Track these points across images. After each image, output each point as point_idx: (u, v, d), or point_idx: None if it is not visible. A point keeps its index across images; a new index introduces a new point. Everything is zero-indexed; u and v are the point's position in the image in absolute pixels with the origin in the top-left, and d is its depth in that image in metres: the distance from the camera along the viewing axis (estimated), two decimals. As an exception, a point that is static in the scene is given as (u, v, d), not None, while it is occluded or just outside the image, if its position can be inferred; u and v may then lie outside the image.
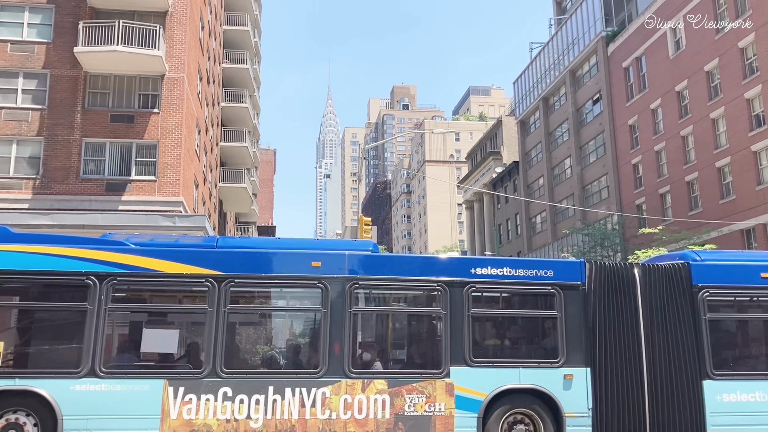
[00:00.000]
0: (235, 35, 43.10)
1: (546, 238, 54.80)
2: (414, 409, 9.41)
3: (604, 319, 10.07)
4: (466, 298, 9.87)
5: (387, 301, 10.55)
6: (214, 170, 37.09)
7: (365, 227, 29.56)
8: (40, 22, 25.27)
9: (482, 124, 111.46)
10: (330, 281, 9.66)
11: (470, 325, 9.83)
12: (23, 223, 20.75)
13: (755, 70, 32.54)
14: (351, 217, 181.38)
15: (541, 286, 10.14)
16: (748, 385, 10.14)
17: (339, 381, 9.37)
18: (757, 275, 10.64)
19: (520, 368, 9.80)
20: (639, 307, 10.19)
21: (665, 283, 10.39)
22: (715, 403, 9.96)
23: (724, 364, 10.37)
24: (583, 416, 9.71)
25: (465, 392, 9.54)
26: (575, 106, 51.88)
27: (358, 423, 9.29)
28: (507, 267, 10.17)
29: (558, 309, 10.06)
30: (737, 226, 33.03)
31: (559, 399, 9.69)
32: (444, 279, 9.90)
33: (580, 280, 10.23)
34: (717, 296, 10.54)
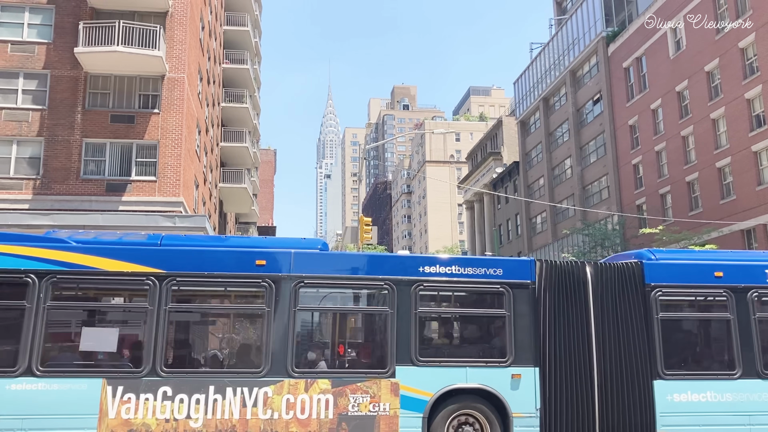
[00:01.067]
0: (236, 35, 43.11)
1: (546, 239, 54.79)
2: (358, 409, 9.31)
3: (553, 318, 9.96)
4: (413, 296, 9.76)
5: (333, 300, 10.38)
6: (215, 171, 37.09)
7: (365, 227, 29.59)
8: (41, 22, 25.27)
9: (482, 125, 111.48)
10: (274, 280, 9.55)
11: (417, 324, 9.71)
12: (23, 223, 20.77)
13: (755, 70, 32.52)
14: (351, 218, 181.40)
15: (490, 285, 10.03)
16: (700, 385, 10.07)
17: (282, 381, 9.25)
18: (710, 274, 10.56)
19: (468, 368, 9.68)
20: (590, 306, 10.10)
21: (617, 283, 10.28)
22: (665, 403, 9.89)
23: (675, 364, 10.30)
24: (530, 416, 9.61)
25: (411, 392, 9.44)
26: (575, 106, 51.87)
27: (300, 423, 9.18)
28: (456, 265, 10.04)
29: (507, 308, 9.95)
30: (737, 227, 33.02)
31: (507, 399, 9.59)
32: (391, 277, 9.79)
33: (529, 278, 10.12)
34: (670, 295, 10.46)
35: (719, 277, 10.53)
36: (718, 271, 10.56)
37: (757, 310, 10.45)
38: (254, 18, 47.33)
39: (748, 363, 10.21)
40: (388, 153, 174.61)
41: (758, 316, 10.44)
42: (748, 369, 10.19)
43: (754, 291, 10.52)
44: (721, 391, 10.05)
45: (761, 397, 10.12)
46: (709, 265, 10.66)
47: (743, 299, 10.45)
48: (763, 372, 10.21)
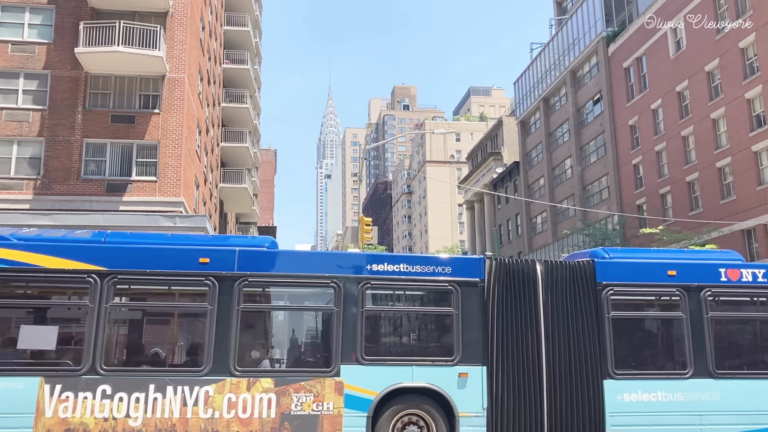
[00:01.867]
0: (236, 36, 43.12)
1: (546, 239, 54.80)
2: (301, 408, 9.21)
3: (502, 317, 9.88)
4: (360, 295, 9.65)
5: (278, 299, 10.31)
6: (215, 171, 37.11)
7: (366, 228, 29.60)
8: (41, 22, 25.29)
9: (483, 125, 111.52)
10: (218, 278, 9.45)
11: (363, 322, 9.61)
12: (24, 223, 20.76)
13: (756, 70, 32.53)
14: (352, 218, 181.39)
15: (439, 283, 9.92)
16: (650, 384, 10.00)
17: (223, 380, 9.16)
18: (664, 273, 10.47)
19: (414, 366, 9.57)
20: (540, 305, 10.01)
21: (568, 281, 10.19)
22: (615, 402, 9.82)
23: (626, 363, 10.22)
24: (477, 416, 9.51)
25: (355, 391, 9.34)
26: (576, 106, 51.87)
27: (242, 422, 9.09)
28: (404, 263, 9.92)
29: (455, 306, 9.84)
30: (738, 227, 33.02)
31: (453, 398, 9.48)
32: (338, 275, 9.69)
33: (479, 276, 10.02)
34: (621, 294, 10.36)
35: (672, 276, 10.46)
36: (672, 270, 10.49)
37: (711, 310, 10.40)
38: (254, 18, 47.34)
39: (700, 362, 10.15)
40: (388, 153, 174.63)
41: (711, 315, 10.38)
42: (699, 368, 10.12)
43: (708, 290, 10.45)
44: (672, 390, 9.99)
45: (712, 397, 10.07)
46: (662, 264, 10.57)
47: (696, 298, 10.39)
48: (715, 372, 10.15)
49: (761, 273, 10.69)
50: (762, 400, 10.13)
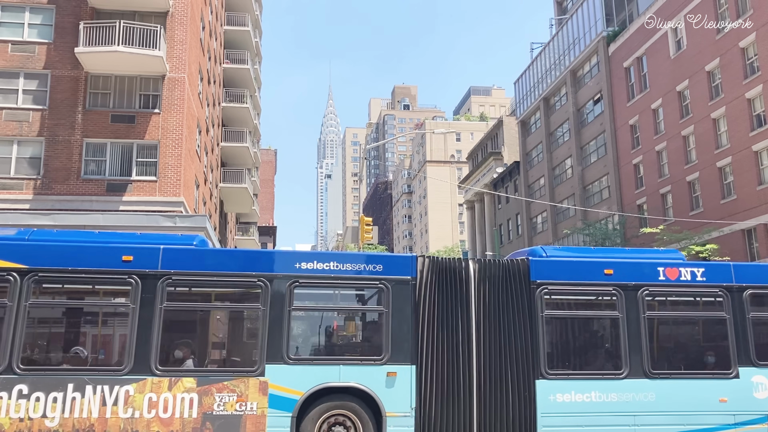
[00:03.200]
0: (236, 35, 43.11)
1: (547, 238, 54.79)
2: (224, 408, 9.09)
3: (433, 316, 9.73)
4: (287, 293, 9.52)
5: (204, 297, 10.12)
6: (215, 170, 37.10)
7: (366, 227, 29.59)
8: (41, 22, 25.28)
9: (483, 125, 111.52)
10: (141, 276, 9.32)
11: (290, 321, 9.48)
12: (24, 223, 20.76)
13: (756, 69, 32.51)
14: (352, 218, 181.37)
15: (369, 281, 9.79)
16: (584, 384, 9.86)
17: (144, 379, 9.03)
18: (600, 272, 10.32)
19: (341, 366, 9.44)
20: (472, 304, 9.88)
21: (502, 280, 10.05)
22: (547, 403, 9.68)
23: (559, 363, 10.12)
24: (405, 416, 9.36)
25: (280, 391, 9.22)
26: (576, 106, 51.86)
27: (162, 422, 8.96)
28: (334, 261, 9.78)
29: (385, 305, 9.69)
30: (738, 226, 33.00)
31: (381, 398, 9.34)
32: (265, 274, 9.56)
33: (410, 275, 9.86)
34: (556, 293, 10.22)
35: (609, 275, 10.30)
36: (608, 269, 10.34)
37: (648, 309, 10.27)
38: (255, 18, 47.33)
39: (635, 362, 10.02)
40: (388, 153, 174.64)
41: (648, 314, 10.24)
42: (635, 369, 10.00)
43: (645, 289, 10.32)
44: (606, 391, 9.86)
45: (648, 397, 9.93)
46: (598, 263, 10.42)
47: (633, 297, 10.24)
48: (651, 372, 10.02)
49: (700, 272, 10.56)
50: (698, 401, 10.03)
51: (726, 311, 10.45)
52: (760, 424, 10.07)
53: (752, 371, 10.25)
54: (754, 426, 10.06)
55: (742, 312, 10.46)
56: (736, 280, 10.59)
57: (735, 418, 10.04)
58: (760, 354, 10.37)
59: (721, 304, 10.49)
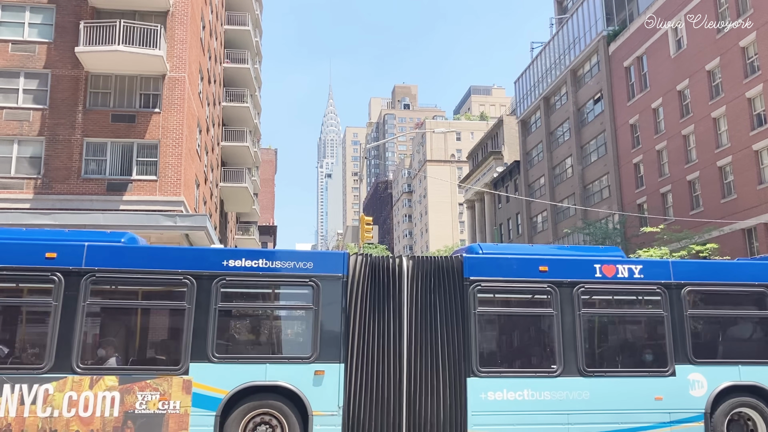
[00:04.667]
0: (236, 35, 43.12)
1: (547, 238, 54.79)
2: (146, 407, 8.94)
3: (364, 313, 9.62)
4: (214, 291, 9.38)
5: (129, 295, 9.94)
6: (215, 170, 37.11)
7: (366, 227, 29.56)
8: (41, 21, 25.28)
9: (483, 124, 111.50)
10: (64, 273, 9.19)
11: (217, 319, 9.34)
12: (24, 222, 20.76)
13: (756, 69, 32.51)
14: (352, 217, 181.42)
15: (299, 279, 9.65)
16: (517, 382, 9.73)
17: (65, 377, 8.88)
18: (535, 269, 10.17)
19: (268, 364, 9.29)
20: (404, 301, 9.76)
21: (435, 277, 9.92)
22: (479, 401, 9.52)
23: (492, 360, 9.99)
24: (332, 415, 9.24)
25: (204, 390, 9.08)
26: (576, 105, 51.86)
27: (82, 421, 8.79)
28: (263, 259, 9.64)
29: (315, 302, 9.55)
30: (738, 226, 33.00)
31: (308, 396, 9.21)
32: (191, 271, 9.43)
33: (341, 272, 9.72)
34: (489, 291, 10.11)
35: (544, 272, 10.16)
36: (543, 266, 10.20)
37: (583, 306, 10.14)
38: (255, 17, 47.34)
39: (569, 360, 9.89)
40: (388, 152, 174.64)
41: (583, 311, 10.12)
42: (569, 367, 9.87)
43: (581, 286, 10.17)
44: (539, 389, 9.73)
45: (582, 396, 9.81)
46: (533, 260, 10.29)
47: (569, 294, 10.11)
48: (585, 370, 9.90)
49: (638, 269, 10.43)
50: (633, 399, 9.93)
51: (663, 308, 10.35)
52: (696, 422, 9.99)
53: (689, 369, 10.17)
54: (690, 424, 9.98)
55: (680, 309, 10.37)
56: (674, 277, 10.49)
57: (670, 416, 9.95)
58: (697, 351, 10.29)
59: (659, 302, 10.39)
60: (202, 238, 22.94)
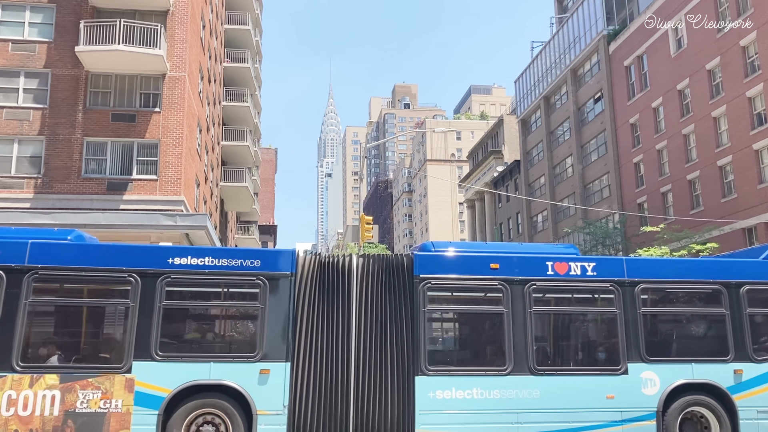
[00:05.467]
0: (237, 34, 43.11)
1: (547, 237, 54.79)
2: (87, 405, 8.84)
3: (312, 312, 9.56)
4: (158, 289, 9.29)
5: (72, 293, 9.78)
6: (216, 169, 37.10)
7: (366, 226, 29.57)
8: (42, 21, 25.28)
9: (483, 123, 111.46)
10: (6, 271, 9.12)
11: (161, 317, 9.25)
12: (25, 222, 20.76)
13: (757, 68, 32.49)
14: (352, 216, 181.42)
15: (246, 277, 9.56)
16: (466, 381, 9.60)
17: (4, 376, 8.80)
18: (486, 266, 10.07)
19: (212, 363, 9.22)
20: (353, 300, 9.68)
21: (385, 275, 9.85)
22: (427, 400, 9.41)
23: (441, 359, 9.94)
24: (277, 414, 9.14)
25: (147, 388, 8.99)
26: (576, 104, 51.84)
27: (21, 420, 8.69)
28: (209, 256, 9.54)
29: (261, 301, 9.46)
30: (739, 225, 33.00)
31: (252, 395, 9.13)
32: (137, 269, 9.33)
33: (289, 270, 9.63)
34: (439, 288, 10.02)
35: (495, 269, 10.07)
36: (494, 263, 10.09)
37: (534, 304, 10.04)
38: (255, 17, 47.33)
39: (520, 359, 9.79)
40: (389, 152, 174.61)
41: (534, 309, 10.03)
42: (519, 365, 9.77)
43: (532, 284, 10.09)
44: (489, 387, 9.62)
45: (532, 395, 9.71)
46: (484, 257, 10.18)
47: (520, 292, 10.02)
48: (535, 368, 9.80)
49: (591, 266, 10.33)
50: (584, 397, 9.83)
51: (616, 306, 10.25)
52: (648, 421, 9.89)
53: (642, 367, 10.07)
54: (643, 423, 9.88)
55: (633, 307, 10.26)
56: (628, 274, 10.38)
57: (622, 415, 9.84)
58: (650, 349, 10.19)
59: (612, 300, 10.29)
60: (203, 237, 22.94)
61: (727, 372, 10.23)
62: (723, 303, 10.54)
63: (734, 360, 10.31)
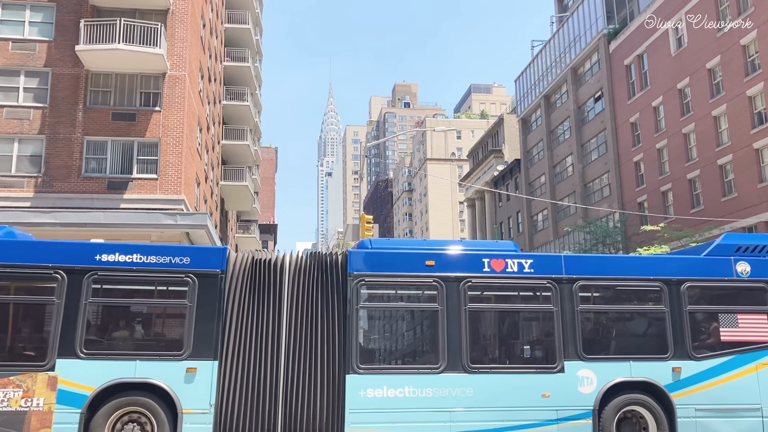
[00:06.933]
0: (237, 33, 43.12)
1: (548, 236, 54.79)
2: (8, 404, 8.73)
3: (241, 310, 9.46)
4: (85, 286, 9.20)
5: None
6: (216, 168, 37.10)
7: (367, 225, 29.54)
8: (42, 20, 25.28)
9: (484, 122, 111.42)
10: None
11: (86, 314, 9.16)
12: (25, 221, 20.76)
13: (757, 67, 32.47)
14: (353, 215, 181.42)
15: (174, 274, 9.46)
16: (398, 379, 9.50)
17: None
18: (421, 263, 9.97)
19: (138, 361, 9.11)
20: (284, 298, 9.59)
21: (319, 273, 9.77)
22: (357, 399, 9.30)
23: (373, 357, 9.83)
24: (203, 413, 9.04)
25: (70, 386, 8.86)
26: (577, 103, 51.83)
27: None
28: (137, 254, 9.43)
29: (189, 298, 9.38)
30: (739, 224, 32.99)
31: (178, 394, 9.02)
32: (63, 266, 9.24)
33: (219, 267, 9.54)
34: (373, 285, 9.96)
35: (430, 267, 9.96)
36: (430, 260, 9.99)
37: (469, 301, 9.91)
38: (255, 16, 47.32)
39: (453, 356, 9.66)
40: (389, 151, 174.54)
41: (469, 307, 9.90)
42: (453, 363, 9.64)
43: (467, 281, 9.98)
44: (421, 386, 9.51)
45: (465, 393, 9.57)
46: (420, 254, 10.09)
47: (455, 289, 9.90)
48: (469, 366, 9.67)
49: (528, 263, 10.20)
50: (519, 396, 9.69)
51: (554, 303, 10.11)
52: (584, 420, 9.76)
53: (579, 365, 9.93)
54: (578, 421, 9.74)
55: (571, 304, 10.12)
56: (566, 271, 10.26)
57: (558, 414, 9.71)
58: (587, 347, 10.06)
59: (549, 297, 10.16)
60: (203, 236, 22.94)
61: (665, 370, 10.09)
62: (663, 300, 10.40)
63: (673, 358, 10.17)
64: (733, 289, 10.75)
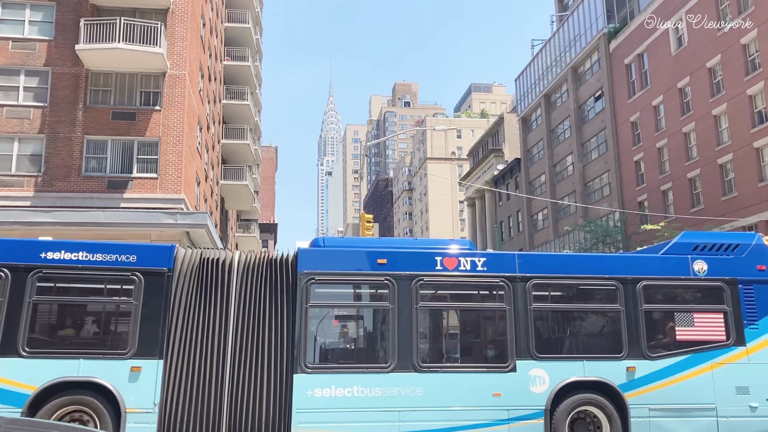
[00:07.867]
0: (237, 32, 43.10)
1: (548, 235, 54.79)
2: None
3: (187, 308, 9.40)
4: (28, 284, 9.13)
5: None
6: (216, 168, 37.10)
7: (367, 225, 29.53)
8: (42, 19, 25.27)
9: (484, 122, 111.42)
10: None
11: (30, 313, 9.08)
12: (25, 220, 20.77)
13: (758, 66, 32.45)
14: (353, 215, 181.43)
15: (120, 272, 9.38)
16: (346, 378, 9.39)
17: None
18: (373, 261, 9.90)
19: (81, 360, 9.03)
20: (232, 296, 9.51)
21: (269, 271, 9.69)
22: (305, 398, 9.20)
23: (322, 356, 9.78)
24: (147, 412, 8.96)
25: (11, 385, 8.78)
26: (577, 103, 51.82)
27: None
28: (84, 251, 9.36)
29: (135, 296, 9.31)
30: (739, 223, 32.98)
31: (121, 393, 8.93)
32: (7, 264, 9.18)
33: (166, 266, 9.47)
34: (324, 284, 9.82)
35: (382, 265, 9.87)
36: (382, 259, 9.91)
37: (420, 300, 9.83)
38: (255, 15, 47.30)
39: (404, 355, 9.55)
40: (389, 150, 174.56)
41: (421, 305, 9.82)
42: (403, 362, 9.53)
43: (419, 279, 9.87)
44: (370, 385, 9.40)
45: (415, 392, 9.47)
46: (372, 253, 10.00)
47: (407, 287, 9.80)
48: (419, 365, 9.56)
49: (481, 261, 10.10)
50: (469, 395, 9.59)
51: (506, 302, 10.02)
52: (536, 420, 9.65)
53: (531, 364, 9.83)
54: (530, 421, 9.63)
55: (524, 303, 10.03)
56: (519, 270, 10.16)
57: (509, 413, 9.60)
58: (540, 346, 9.98)
59: (502, 296, 10.07)
60: (203, 235, 22.95)
61: (619, 369, 9.99)
62: (618, 299, 10.29)
63: (627, 357, 10.07)
64: (689, 288, 10.67)
